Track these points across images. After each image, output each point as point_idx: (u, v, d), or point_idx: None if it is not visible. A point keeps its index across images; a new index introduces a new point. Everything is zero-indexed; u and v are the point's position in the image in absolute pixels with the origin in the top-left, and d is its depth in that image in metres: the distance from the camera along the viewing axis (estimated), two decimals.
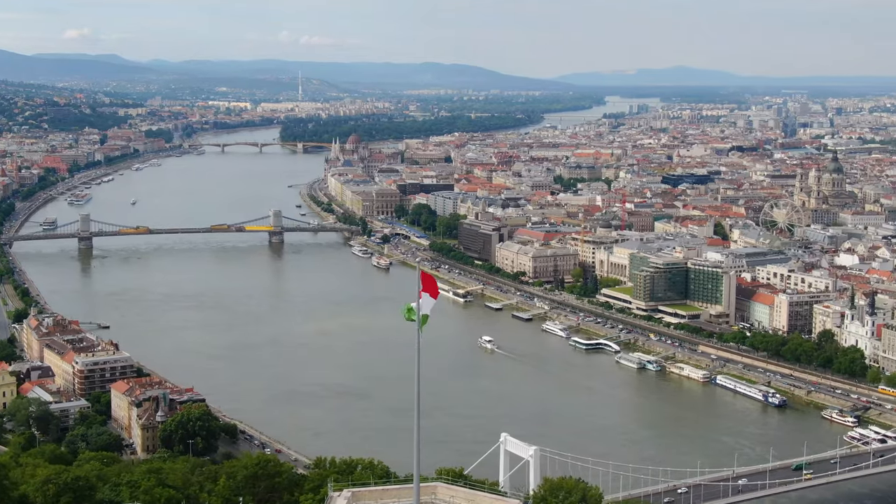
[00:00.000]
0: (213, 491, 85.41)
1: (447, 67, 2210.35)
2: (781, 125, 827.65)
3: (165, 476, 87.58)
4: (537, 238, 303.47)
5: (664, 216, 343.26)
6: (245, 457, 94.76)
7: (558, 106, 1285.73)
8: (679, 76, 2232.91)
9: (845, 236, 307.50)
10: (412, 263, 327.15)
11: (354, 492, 55.27)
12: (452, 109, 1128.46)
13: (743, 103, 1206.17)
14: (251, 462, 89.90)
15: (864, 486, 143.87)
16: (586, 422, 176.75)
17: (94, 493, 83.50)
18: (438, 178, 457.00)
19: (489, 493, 56.86)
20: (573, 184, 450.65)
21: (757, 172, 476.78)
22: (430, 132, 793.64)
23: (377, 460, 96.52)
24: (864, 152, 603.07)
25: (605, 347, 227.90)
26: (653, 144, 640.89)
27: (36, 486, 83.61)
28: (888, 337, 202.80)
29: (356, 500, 55.32)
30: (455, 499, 55.05)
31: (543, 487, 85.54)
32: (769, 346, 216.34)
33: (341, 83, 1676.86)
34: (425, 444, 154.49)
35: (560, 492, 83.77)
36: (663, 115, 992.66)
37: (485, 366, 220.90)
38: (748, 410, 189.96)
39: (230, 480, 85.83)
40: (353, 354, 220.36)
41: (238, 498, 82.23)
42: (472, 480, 73.56)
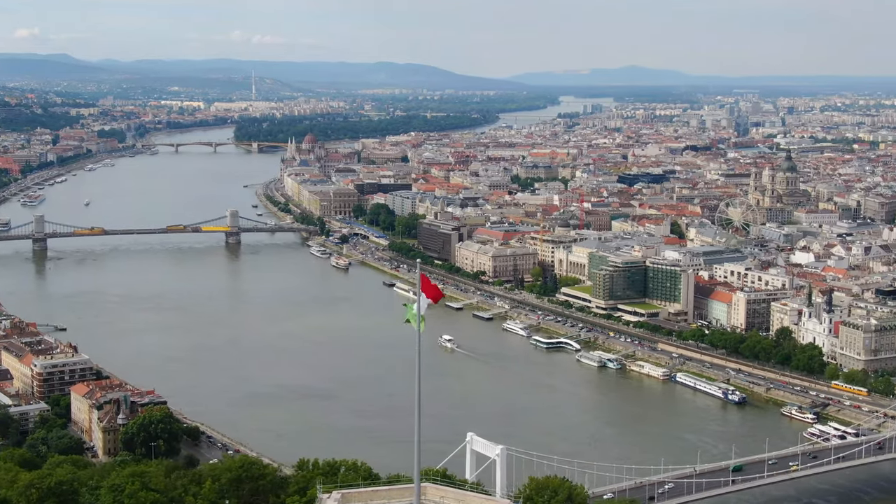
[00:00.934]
0: (199, 494, 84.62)
1: (401, 67, 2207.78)
2: (734, 124, 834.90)
3: (149, 479, 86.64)
4: (497, 238, 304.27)
5: (621, 215, 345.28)
6: (227, 459, 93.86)
7: (513, 106, 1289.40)
8: (632, 76, 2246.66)
9: (800, 234, 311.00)
10: (371, 263, 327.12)
11: (344, 493, 54.99)
12: (408, 109, 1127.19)
13: (695, 103, 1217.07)
14: (235, 464, 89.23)
15: (825, 481, 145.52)
16: (550, 421, 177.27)
17: (78, 497, 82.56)
18: (396, 178, 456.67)
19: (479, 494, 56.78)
20: (530, 183, 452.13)
21: (711, 171, 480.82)
22: (386, 132, 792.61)
23: (360, 461, 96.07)
24: (817, 151, 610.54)
25: (565, 346, 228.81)
26: (608, 144, 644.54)
27: (19, 490, 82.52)
28: (845, 334, 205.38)
29: (346, 501, 55.09)
30: (445, 499, 54.94)
31: (529, 487, 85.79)
32: (728, 343, 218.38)
33: (295, 82, 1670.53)
34: (390, 444, 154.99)
35: (546, 491, 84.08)
36: (617, 114, 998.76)
37: (446, 365, 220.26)
38: (709, 408, 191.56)
39: (215, 483, 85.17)
40: (314, 355, 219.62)
41: (223, 501, 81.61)
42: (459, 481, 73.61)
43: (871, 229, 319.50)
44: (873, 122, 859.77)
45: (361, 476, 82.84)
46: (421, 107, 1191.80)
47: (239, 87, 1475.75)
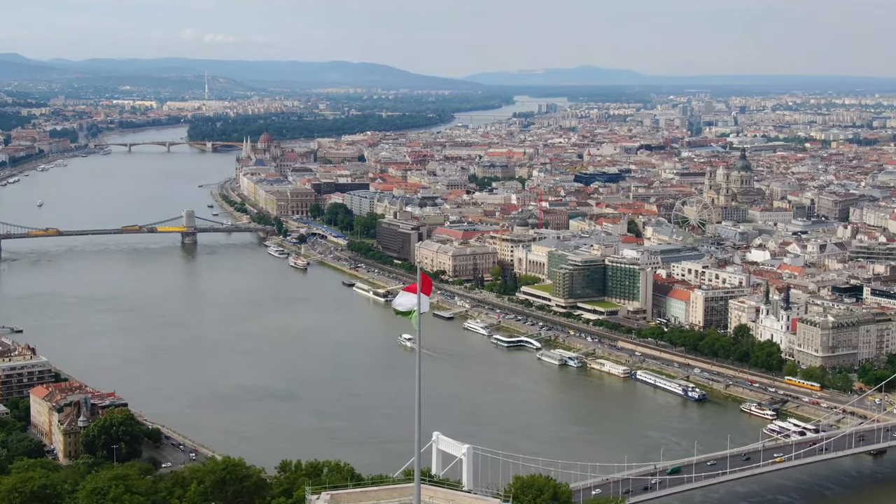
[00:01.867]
0: (184, 497, 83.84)
1: (355, 66, 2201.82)
2: (687, 124, 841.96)
3: (131, 483, 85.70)
4: (456, 237, 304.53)
5: (578, 214, 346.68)
6: (210, 461, 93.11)
7: (468, 105, 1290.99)
8: (585, 76, 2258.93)
9: (756, 233, 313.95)
10: (330, 263, 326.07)
11: (333, 494, 54.73)
12: (363, 108, 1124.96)
13: (648, 102, 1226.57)
14: (218, 466, 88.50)
15: (788, 478, 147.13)
16: (514, 419, 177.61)
17: (61, 500, 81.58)
18: (353, 178, 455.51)
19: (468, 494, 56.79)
20: (488, 183, 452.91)
21: (666, 170, 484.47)
22: (342, 131, 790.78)
23: (343, 462, 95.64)
24: (769, 150, 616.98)
25: (526, 345, 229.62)
26: (563, 143, 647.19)
27: (1, 494, 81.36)
28: (803, 331, 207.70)
29: (335, 502, 54.76)
30: (434, 499, 54.87)
31: (514, 485, 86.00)
32: (687, 341, 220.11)
33: (248, 81, 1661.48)
34: (355, 445, 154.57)
35: (531, 489, 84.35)
36: (571, 114, 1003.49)
37: (407, 365, 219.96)
38: (669, 405, 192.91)
39: (200, 485, 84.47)
40: (274, 356, 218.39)
41: (207, 503, 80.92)
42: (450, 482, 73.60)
43: (825, 227, 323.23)
44: (824, 121, 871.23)
45: (345, 477, 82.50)
46: (376, 106, 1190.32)
47: (192, 87, 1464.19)
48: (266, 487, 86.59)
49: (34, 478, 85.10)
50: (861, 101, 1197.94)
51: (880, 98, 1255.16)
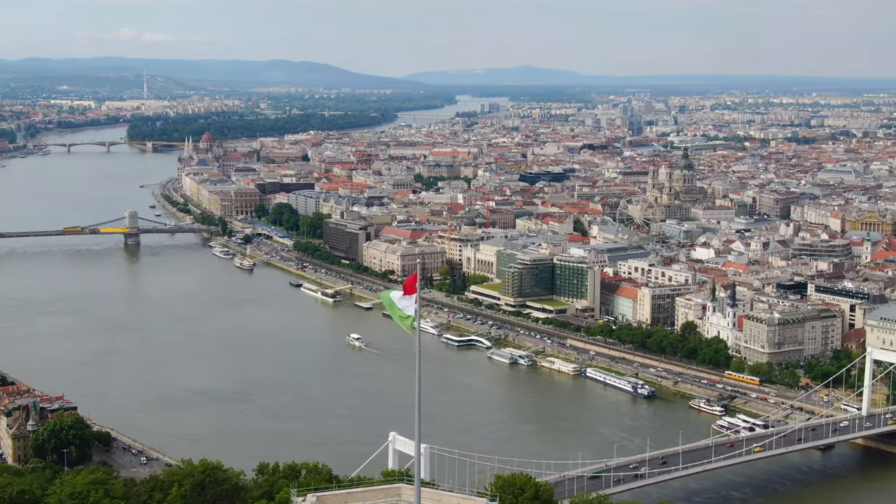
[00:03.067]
0: (164, 501, 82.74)
1: (296, 65, 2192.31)
2: (628, 123, 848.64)
3: (110, 487, 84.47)
4: (404, 236, 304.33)
5: (525, 213, 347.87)
6: (186, 464, 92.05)
7: (410, 105, 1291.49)
8: (525, 75, 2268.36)
9: (700, 231, 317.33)
10: (277, 264, 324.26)
11: (319, 496, 54.38)
12: (305, 107, 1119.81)
13: (589, 102, 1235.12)
14: (197, 469, 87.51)
15: (740, 473, 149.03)
16: (468, 418, 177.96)
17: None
18: (298, 177, 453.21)
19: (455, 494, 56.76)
20: (433, 182, 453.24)
21: (609, 170, 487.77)
22: (284, 130, 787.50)
23: (322, 464, 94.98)
24: (710, 149, 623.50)
25: (476, 344, 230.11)
26: (507, 143, 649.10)
27: None
28: (749, 328, 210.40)
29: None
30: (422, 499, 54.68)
31: (496, 485, 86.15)
32: (635, 338, 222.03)
33: (187, 81, 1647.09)
34: (311, 447, 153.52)
35: (512, 488, 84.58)
36: (514, 113, 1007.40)
37: (357, 365, 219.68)
38: (620, 402, 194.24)
39: (180, 489, 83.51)
40: (224, 358, 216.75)
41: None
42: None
43: (767, 225, 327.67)
44: (763, 120, 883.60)
45: (324, 478, 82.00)
46: (318, 105, 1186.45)
47: (130, 86, 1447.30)
48: (245, 490, 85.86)
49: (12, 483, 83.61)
50: (798, 101, 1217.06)
51: (817, 97, 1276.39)
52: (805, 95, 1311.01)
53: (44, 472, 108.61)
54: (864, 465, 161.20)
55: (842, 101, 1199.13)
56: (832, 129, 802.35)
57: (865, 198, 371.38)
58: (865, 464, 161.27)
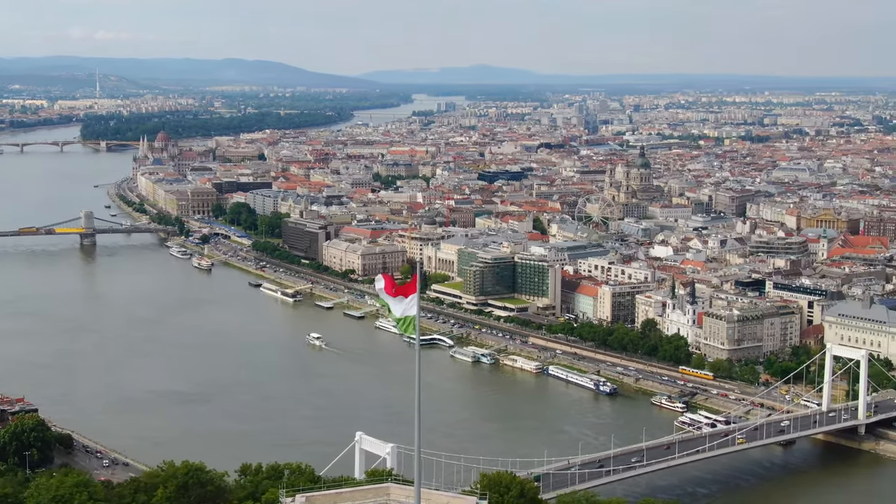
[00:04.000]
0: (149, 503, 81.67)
1: (250, 63, 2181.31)
2: (584, 122, 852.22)
3: (94, 490, 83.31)
4: (364, 235, 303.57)
5: (484, 212, 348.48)
6: (169, 466, 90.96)
7: (366, 103, 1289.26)
8: (481, 74, 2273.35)
9: (658, 229, 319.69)
10: (235, 264, 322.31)
11: (309, 496, 54.04)
12: (260, 106, 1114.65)
13: (545, 101, 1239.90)
14: (180, 471, 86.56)
15: (705, 469, 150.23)
16: (432, 417, 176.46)
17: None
18: (255, 176, 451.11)
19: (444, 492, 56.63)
20: (392, 181, 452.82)
21: (566, 168, 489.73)
22: (240, 129, 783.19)
23: (304, 464, 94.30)
24: (665, 147, 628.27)
25: (438, 342, 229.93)
26: (465, 142, 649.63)
27: None
28: (709, 325, 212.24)
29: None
30: (410, 499, 54.52)
31: (481, 483, 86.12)
32: (596, 336, 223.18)
33: (141, 79, 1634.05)
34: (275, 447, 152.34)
35: (498, 487, 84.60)
36: (470, 112, 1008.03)
37: (319, 365, 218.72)
38: (582, 399, 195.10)
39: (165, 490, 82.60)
40: (184, 359, 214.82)
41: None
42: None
43: (724, 223, 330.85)
44: (716, 119, 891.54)
45: (306, 478, 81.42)
46: (273, 104, 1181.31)
47: (83, 85, 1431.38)
48: (228, 491, 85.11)
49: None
50: (751, 99, 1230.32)
51: (770, 96, 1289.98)
52: (758, 94, 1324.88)
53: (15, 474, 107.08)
54: (825, 460, 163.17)
55: (794, 99, 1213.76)
56: (785, 127, 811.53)
57: (820, 195, 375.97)
58: (826, 459, 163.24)
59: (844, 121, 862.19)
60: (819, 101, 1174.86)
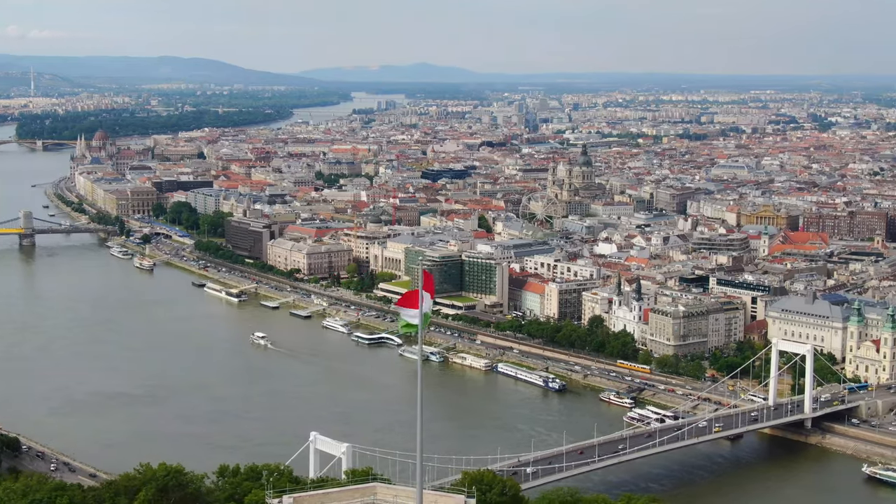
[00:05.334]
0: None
1: (186, 61, 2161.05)
2: (524, 121, 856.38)
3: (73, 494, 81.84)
4: (309, 234, 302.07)
5: (429, 210, 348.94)
6: (146, 468, 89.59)
7: (306, 101, 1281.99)
8: (421, 73, 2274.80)
9: (601, 226, 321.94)
10: (178, 264, 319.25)
11: (296, 497, 53.67)
12: (197, 104, 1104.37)
13: (485, 99, 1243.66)
14: (159, 473, 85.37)
15: (656, 465, 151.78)
16: (384, 417, 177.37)
17: None
18: (195, 175, 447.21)
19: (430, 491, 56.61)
20: (335, 179, 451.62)
21: (509, 167, 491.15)
22: (178, 128, 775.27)
23: (282, 465, 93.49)
24: (605, 146, 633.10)
25: (387, 341, 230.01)
26: (407, 140, 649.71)
27: None
28: (655, 321, 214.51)
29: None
30: (398, 498, 54.47)
31: (463, 481, 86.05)
32: (544, 333, 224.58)
33: (76, 78, 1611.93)
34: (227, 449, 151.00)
35: (480, 485, 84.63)
36: (411, 111, 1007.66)
37: (266, 365, 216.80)
38: (532, 396, 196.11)
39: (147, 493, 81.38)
40: (130, 360, 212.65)
41: None
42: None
43: (666, 220, 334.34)
44: (654, 118, 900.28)
45: (286, 479, 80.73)
46: (210, 102, 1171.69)
47: (17, 83, 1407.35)
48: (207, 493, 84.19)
49: None
50: (688, 98, 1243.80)
51: (706, 94, 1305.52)
52: (694, 93, 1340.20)
53: None
54: (773, 453, 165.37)
55: (729, 98, 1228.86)
56: (722, 125, 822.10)
57: (759, 192, 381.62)
58: (774, 453, 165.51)
59: (780, 118, 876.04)
60: (754, 100, 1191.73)
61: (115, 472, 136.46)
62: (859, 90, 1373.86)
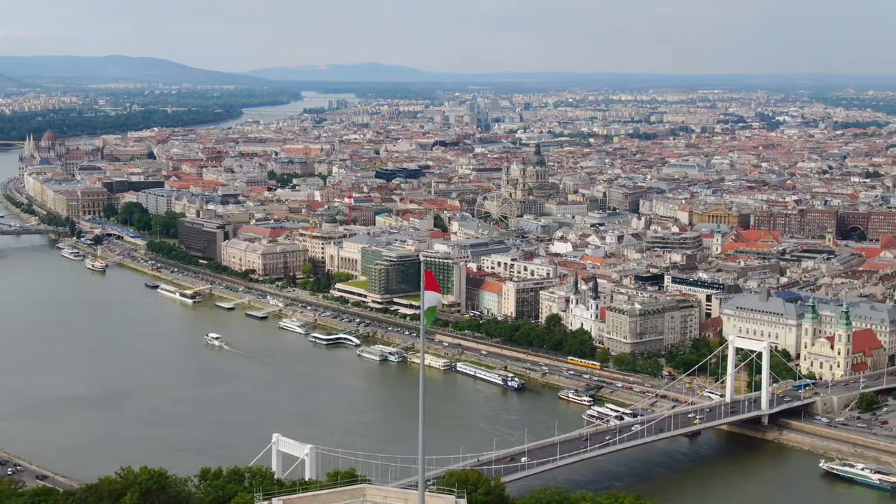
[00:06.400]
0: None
1: (134, 60, 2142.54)
2: (476, 120, 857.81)
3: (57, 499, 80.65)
4: (264, 235, 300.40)
5: (384, 210, 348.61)
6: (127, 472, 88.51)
7: (255, 101, 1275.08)
8: (370, 72, 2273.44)
9: (556, 225, 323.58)
10: (130, 265, 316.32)
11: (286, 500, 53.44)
12: (146, 104, 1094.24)
13: (436, 99, 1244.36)
14: (141, 477, 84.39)
15: (618, 462, 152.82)
16: (345, 418, 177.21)
17: None
18: (146, 175, 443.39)
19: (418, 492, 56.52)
20: (288, 179, 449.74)
21: (462, 166, 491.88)
22: (126, 127, 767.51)
23: (264, 467, 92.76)
24: (556, 145, 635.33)
25: (345, 342, 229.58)
26: (359, 140, 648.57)
27: None
28: (612, 319, 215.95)
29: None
30: (388, 499, 54.43)
31: (447, 481, 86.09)
32: (502, 332, 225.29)
33: (22, 77, 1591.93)
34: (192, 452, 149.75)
35: (466, 484, 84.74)
36: (362, 110, 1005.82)
37: (218, 366, 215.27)
38: (491, 395, 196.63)
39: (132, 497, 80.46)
40: (85, 363, 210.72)
41: None
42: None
43: (620, 219, 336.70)
44: (605, 117, 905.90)
45: (269, 482, 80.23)
46: (159, 101, 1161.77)
47: None
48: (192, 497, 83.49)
49: None
50: (637, 97, 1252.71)
51: (654, 94, 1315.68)
52: (643, 92, 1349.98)
53: None
54: (731, 450, 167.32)
55: (678, 97, 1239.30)
56: (671, 125, 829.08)
57: (710, 191, 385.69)
58: (731, 449, 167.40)
59: (728, 118, 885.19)
60: (702, 99, 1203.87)
61: (74, 476, 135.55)
62: (805, 89, 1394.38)
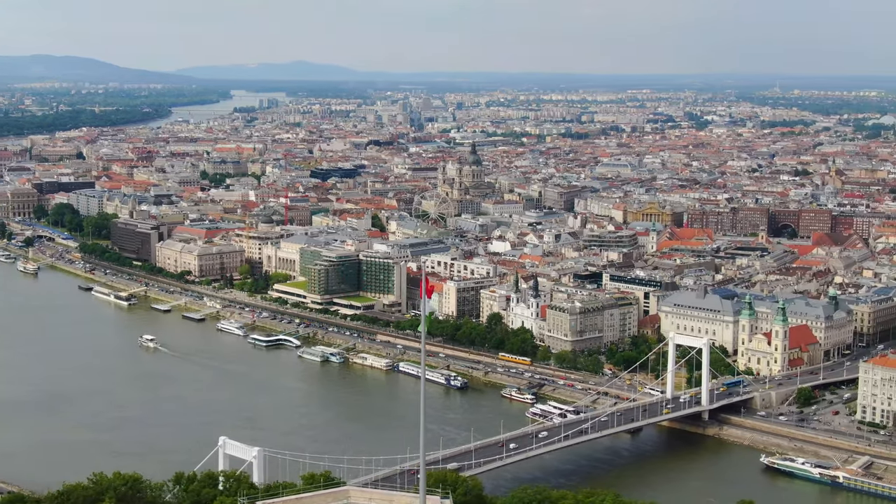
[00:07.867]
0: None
1: (59, 59, 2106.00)
2: (409, 120, 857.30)
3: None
4: (199, 235, 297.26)
5: (321, 210, 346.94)
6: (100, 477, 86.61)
7: (184, 100, 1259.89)
8: (300, 71, 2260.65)
9: (494, 224, 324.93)
10: (63, 267, 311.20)
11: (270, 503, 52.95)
12: (72, 103, 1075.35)
13: (367, 98, 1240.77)
14: (116, 482, 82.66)
15: (563, 460, 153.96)
16: (290, 420, 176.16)
17: None
18: (76, 176, 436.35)
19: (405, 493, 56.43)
20: (221, 179, 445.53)
21: (397, 166, 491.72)
22: (54, 127, 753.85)
23: (240, 471, 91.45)
24: (490, 145, 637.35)
25: (285, 343, 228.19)
26: (292, 139, 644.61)
27: None
28: (552, 317, 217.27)
29: None
30: (372, 501, 54.20)
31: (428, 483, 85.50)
32: (444, 331, 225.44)
33: None
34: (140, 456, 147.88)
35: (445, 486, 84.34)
36: (294, 109, 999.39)
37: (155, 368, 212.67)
38: (435, 394, 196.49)
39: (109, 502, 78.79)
40: (21, 367, 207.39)
41: None
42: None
43: (556, 218, 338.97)
44: (536, 117, 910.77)
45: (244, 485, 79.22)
46: (86, 101, 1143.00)
47: None
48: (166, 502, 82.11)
49: None
50: (567, 97, 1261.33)
51: (584, 94, 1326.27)
52: (573, 92, 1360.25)
53: None
54: (672, 445, 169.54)
55: (607, 97, 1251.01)
56: (602, 124, 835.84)
57: (643, 190, 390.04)
58: (673, 444, 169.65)
59: (658, 117, 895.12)
60: (632, 99, 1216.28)
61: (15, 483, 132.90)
62: (732, 89, 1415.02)
